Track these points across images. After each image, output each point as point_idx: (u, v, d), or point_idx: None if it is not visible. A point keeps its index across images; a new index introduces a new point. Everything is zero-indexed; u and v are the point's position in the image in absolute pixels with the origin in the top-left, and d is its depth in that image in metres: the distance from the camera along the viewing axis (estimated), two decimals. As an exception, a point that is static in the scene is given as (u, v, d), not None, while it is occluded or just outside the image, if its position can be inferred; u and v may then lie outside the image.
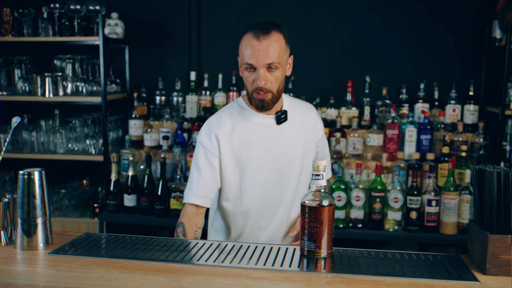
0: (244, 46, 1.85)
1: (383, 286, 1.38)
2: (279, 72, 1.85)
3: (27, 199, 1.62)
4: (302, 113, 2.04)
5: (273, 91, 1.87)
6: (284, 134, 1.99)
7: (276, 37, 1.83)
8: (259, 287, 1.36)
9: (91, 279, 1.39)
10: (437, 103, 3.41)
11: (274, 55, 1.81)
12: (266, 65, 1.81)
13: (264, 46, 1.80)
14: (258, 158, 1.96)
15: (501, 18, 3.21)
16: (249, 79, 1.87)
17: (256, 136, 1.96)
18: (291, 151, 1.99)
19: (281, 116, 1.97)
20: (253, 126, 1.97)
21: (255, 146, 1.95)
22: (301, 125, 2.02)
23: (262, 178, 1.97)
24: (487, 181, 1.51)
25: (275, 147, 1.97)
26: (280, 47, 1.84)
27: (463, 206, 3.01)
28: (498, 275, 1.47)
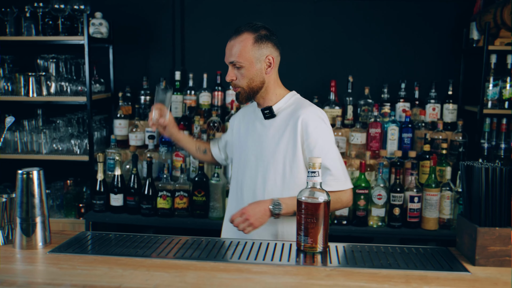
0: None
1: (380, 278, 1.43)
2: (244, 70, 2.00)
3: (26, 199, 1.63)
4: (291, 113, 2.04)
5: (243, 87, 2.03)
6: (267, 129, 2.09)
7: (243, 37, 1.99)
8: (261, 281, 1.40)
9: (95, 276, 1.41)
10: (417, 102, 3.51)
11: (235, 54, 1.99)
12: (228, 62, 2.03)
13: (230, 46, 2.02)
14: (247, 147, 2.14)
15: (478, 20, 3.32)
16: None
17: (248, 128, 2.17)
18: (268, 146, 2.07)
19: (265, 112, 2.09)
20: (251, 119, 2.18)
21: (249, 135, 2.16)
22: (284, 124, 2.04)
23: (245, 165, 2.13)
24: (475, 176, 1.58)
25: (259, 139, 2.10)
26: (243, 47, 1.98)
27: (444, 202, 3.10)
28: (487, 265, 1.54)
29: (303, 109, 2.03)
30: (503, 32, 3.15)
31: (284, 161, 2.02)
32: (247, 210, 1.91)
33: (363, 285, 1.38)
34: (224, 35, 3.72)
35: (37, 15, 3.38)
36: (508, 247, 1.53)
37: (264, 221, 1.92)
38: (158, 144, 3.46)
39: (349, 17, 3.70)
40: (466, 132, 3.31)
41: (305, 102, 2.09)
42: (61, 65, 3.49)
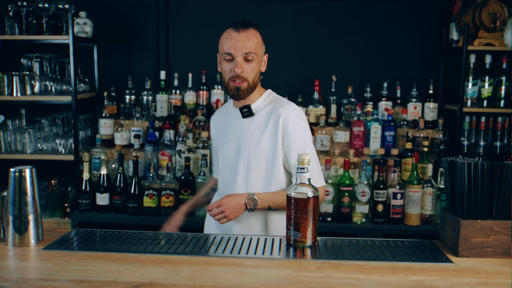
0: (224, 39, 2.02)
1: (368, 270, 1.48)
2: (254, 64, 2.01)
3: (18, 196, 1.64)
4: (271, 111, 2.08)
5: (249, 81, 2.02)
6: (247, 128, 2.11)
7: (253, 31, 2.03)
8: (254, 273, 1.44)
9: (91, 271, 1.44)
10: (399, 101, 3.59)
11: (251, 46, 1.98)
12: (243, 54, 1.97)
13: (243, 37, 1.98)
14: (228, 148, 2.16)
15: (457, 21, 3.41)
16: (227, 69, 2.02)
17: (227, 128, 2.19)
18: (249, 145, 2.09)
19: (243, 110, 2.10)
20: (228, 119, 2.21)
21: (227, 137, 2.17)
22: (264, 122, 2.07)
23: (229, 168, 2.16)
24: (458, 171, 1.65)
25: (238, 139, 2.13)
26: (257, 41, 2.03)
27: (425, 199, 3.18)
28: (470, 256, 1.61)
29: (283, 107, 2.06)
30: (482, 32, 3.24)
31: (266, 159, 2.06)
32: (223, 203, 1.99)
33: (352, 277, 1.43)
34: (208, 35, 3.81)
35: (21, 14, 3.36)
36: (489, 238, 1.60)
37: (238, 214, 2.02)
38: (144, 143, 3.47)
39: (332, 17, 3.76)
40: (446, 130, 3.40)
41: (283, 100, 2.14)
42: (45, 65, 3.47)
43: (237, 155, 2.12)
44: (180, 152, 3.36)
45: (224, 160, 2.18)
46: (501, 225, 1.60)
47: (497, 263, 1.56)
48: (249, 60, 1.99)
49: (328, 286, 1.36)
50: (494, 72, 3.32)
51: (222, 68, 2.06)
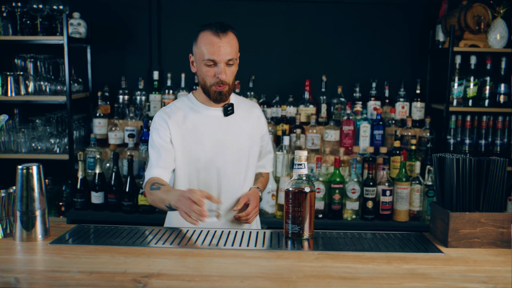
0: (205, 43, 2.00)
1: (364, 259, 1.57)
2: (234, 67, 2.07)
3: (26, 193, 1.70)
4: (247, 109, 2.24)
5: (230, 84, 2.06)
6: (231, 125, 2.17)
7: (232, 35, 2.05)
8: (257, 264, 1.51)
9: (100, 263, 1.50)
10: (387, 100, 3.68)
11: (232, 52, 2.02)
12: (226, 60, 2.00)
13: (224, 43, 1.99)
14: (209, 148, 2.11)
15: (443, 23, 3.52)
16: (209, 74, 2.02)
17: (205, 127, 2.12)
18: (238, 142, 2.16)
19: (228, 108, 2.14)
20: (202, 118, 2.13)
21: (205, 137, 2.11)
22: (246, 119, 2.21)
23: (214, 167, 2.12)
24: (447, 167, 1.74)
25: (223, 137, 2.14)
26: (236, 45, 2.07)
27: (413, 195, 3.28)
28: (458, 247, 1.70)
29: (255, 105, 2.30)
30: (467, 34, 3.35)
31: (247, 153, 2.19)
32: (256, 203, 2.13)
33: (349, 266, 1.51)
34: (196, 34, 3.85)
35: (15, 14, 3.39)
36: (476, 229, 1.69)
37: None
38: (138, 142, 3.52)
39: (322, 18, 3.85)
40: (433, 128, 3.50)
41: (245, 99, 2.31)
42: (39, 65, 3.51)
43: (220, 152, 2.12)
44: (174, 151, 3.41)
45: (206, 160, 2.10)
46: (488, 217, 1.69)
47: (484, 253, 1.66)
48: (230, 65, 2.03)
49: (327, 274, 1.44)
50: (478, 72, 3.44)
51: (201, 72, 2.04)
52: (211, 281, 1.37)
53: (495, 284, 1.39)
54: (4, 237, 1.75)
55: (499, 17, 3.39)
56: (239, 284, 1.35)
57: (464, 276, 1.44)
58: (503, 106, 3.42)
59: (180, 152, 2.11)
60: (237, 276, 1.41)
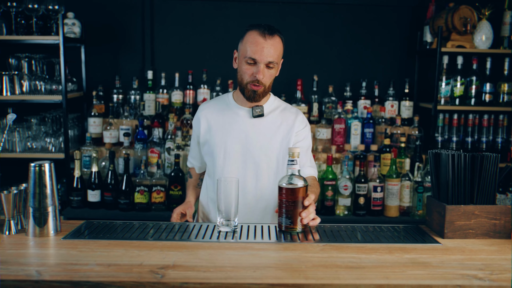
0: (250, 42, 2.05)
1: (367, 250, 1.65)
2: (274, 71, 2.11)
3: (38, 189, 1.74)
4: (284, 114, 2.25)
5: (266, 86, 2.11)
6: (258, 127, 2.20)
7: (278, 39, 2.10)
8: (266, 255, 1.59)
9: (115, 256, 1.55)
10: (377, 99, 3.79)
11: (275, 55, 2.06)
12: (267, 62, 2.05)
13: (269, 45, 2.04)
14: (229, 144, 2.18)
15: (431, 24, 3.63)
16: (247, 72, 2.08)
17: (232, 125, 2.19)
18: (261, 145, 2.19)
19: (256, 110, 2.18)
20: (230, 115, 2.21)
21: (231, 134, 2.18)
22: (278, 124, 2.22)
23: (231, 163, 2.19)
24: (443, 162, 1.83)
25: (246, 137, 2.18)
26: (280, 50, 2.11)
27: (404, 191, 3.39)
28: (454, 238, 1.79)
29: (294, 112, 2.27)
30: (454, 35, 3.47)
31: (277, 159, 2.19)
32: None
33: (354, 256, 1.59)
34: (193, 36, 3.94)
35: (10, 14, 3.41)
36: (471, 221, 1.79)
37: None
38: (134, 141, 3.56)
39: (313, 19, 3.93)
40: (421, 126, 3.61)
41: (290, 106, 2.31)
42: (34, 64, 3.53)
43: (244, 153, 2.17)
44: (169, 150, 3.47)
45: (226, 157, 2.18)
46: (481, 209, 1.79)
47: (478, 243, 1.75)
48: (270, 67, 2.07)
49: (334, 264, 1.51)
50: (465, 72, 3.55)
51: (241, 69, 2.11)
52: (225, 271, 1.44)
53: (491, 271, 1.48)
54: (16, 233, 1.80)
55: (484, 19, 3.51)
56: (252, 274, 1.42)
57: (462, 264, 1.53)
58: (488, 104, 3.55)
59: (206, 145, 2.25)
60: (249, 266, 1.48)
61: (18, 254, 1.57)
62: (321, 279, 1.40)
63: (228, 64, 4.02)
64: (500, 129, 3.56)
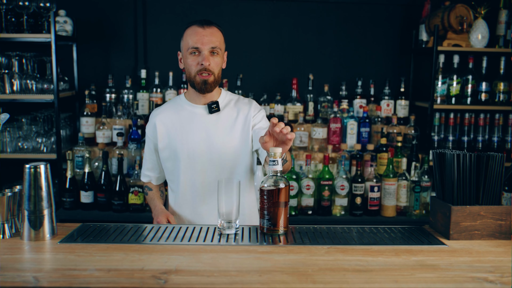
0: (189, 35, 2.10)
1: (373, 253, 1.62)
2: (219, 59, 2.12)
3: (34, 192, 1.69)
4: (238, 106, 2.23)
5: (215, 74, 2.11)
6: (216, 123, 2.18)
7: (216, 29, 2.15)
8: (270, 258, 1.54)
9: (115, 261, 1.50)
10: (373, 98, 3.76)
11: (216, 40, 2.10)
12: (210, 48, 2.08)
13: (208, 33, 2.10)
14: (191, 144, 2.16)
15: (427, 23, 3.61)
16: (193, 63, 2.09)
17: (190, 125, 2.17)
18: (223, 140, 2.17)
19: (212, 106, 2.17)
20: (187, 115, 2.19)
21: (190, 134, 2.16)
22: (234, 117, 2.20)
23: (196, 163, 2.16)
24: (448, 162, 1.80)
25: (207, 134, 2.16)
26: (220, 38, 2.15)
27: (400, 191, 3.36)
28: (459, 239, 1.76)
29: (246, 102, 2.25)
30: (450, 34, 3.45)
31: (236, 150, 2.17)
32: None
33: (360, 259, 1.55)
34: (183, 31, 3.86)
35: (0, 12, 3.33)
36: (476, 222, 1.76)
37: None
38: (127, 141, 3.51)
39: (307, 17, 3.90)
40: (417, 126, 3.59)
41: (240, 97, 2.30)
42: (25, 63, 3.45)
43: (208, 151, 2.15)
44: (164, 150, 3.41)
45: (190, 157, 2.16)
46: (487, 210, 1.76)
47: (485, 244, 1.73)
48: (214, 54, 2.09)
49: (341, 267, 1.48)
50: (461, 71, 3.54)
51: (187, 64, 2.11)
52: (230, 276, 1.40)
53: (501, 273, 1.45)
54: (10, 237, 1.74)
55: (480, 18, 3.50)
56: (258, 278, 1.38)
57: (470, 267, 1.50)
58: (484, 103, 3.54)
59: (167, 150, 2.19)
60: (254, 270, 1.44)
61: (14, 259, 1.52)
62: (329, 283, 1.36)
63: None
64: (496, 128, 3.56)
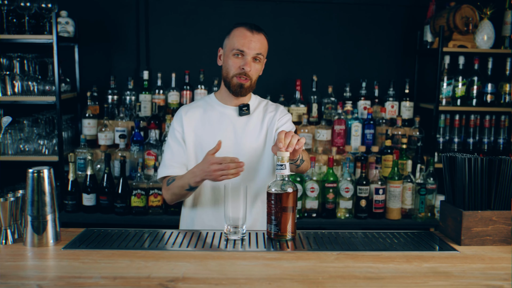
0: (237, 36, 2.09)
1: (383, 259, 1.58)
2: (259, 66, 2.14)
3: (37, 197, 1.65)
4: (265, 110, 2.24)
5: (252, 80, 2.12)
6: (244, 125, 2.18)
7: (264, 37, 2.15)
8: (279, 265, 1.51)
9: (120, 268, 1.47)
10: (377, 100, 3.73)
11: (261, 47, 2.11)
12: (254, 54, 2.08)
13: (256, 39, 2.09)
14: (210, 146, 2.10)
15: (432, 23, 3.58)
16: (235, 64, 2.08)
17: (218, 125, 2.17)
18: (250, 142, 2.16)
19: (243, 108, 2.17)
20: (217, 115, 2.19)
21: (218, 134, 2.14)
22: (261, 121, 2.20)
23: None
24: (458, 166, 1.77)
25: (235, 136, 2.16)
26: (265, 46, 2.16)
27: (406, 193, 3.33)
28: (471, 245, 1.73)
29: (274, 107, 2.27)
30: (455, 35, 3.42)
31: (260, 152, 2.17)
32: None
33: (371, 265, 1.52)
34: (187, 35, 3.85)
35: (1, 12, 3.30)
36: (488, 227, 1.73)
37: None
38: (129, 143, 3.47)
39: (309, 19, 3.86)
40: (422, 127, 3.56)
41: (270, 102, 2.31)
42: (26, 64, 3.42)
43: (234, 152, 2.12)
44: (167, 152, 3.37)
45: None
46: (499, 215, 1.73)
47: (497, 250, 1.69)
48: (256, 60, 2.10)
49: (352, 275, 1.44)
50: (466, 72, 3.51)
51: (227, 63, 2.10)
52: (239, 284, 1.36)
53: (516, 281, 1.42)
54: (13, 243, 1.71)
55: (486, 19, 3.47)
56: (267, 286, 1.35)
57: (484, 274, 1.47)
58: (490, 105, 3.51)
59: (193, 148, 2.17)
60: (264, 278, 1.41)
61: (17, 266, 1.48)
62: (340, 291, 1.33)
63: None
64: (502, 130, 3.52)
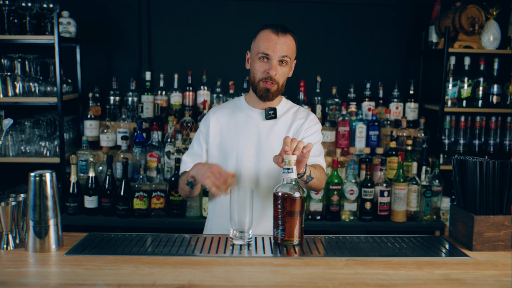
0: (262, 39, 2.04)
1: (394, 265, 1.55)
2: (286, 69, 2.08)
3: (39, 201, 1.62)
4: (294, 116, 2.18)
5: (279, 84, 2.06)
6: (270, 129, 2.14)
7: (291, 37, 2.09)
8: (288, 272, 1.47)
9: (125, 275, 1.43)
10: (381, 101, 3.69)
11: (288, 50, 2.04)
12: (280, 57, 2.02)
13: (282, 41, 2.03)
14: (241, 147, 2.12)
15: (437, 24, 3.54)
16: (260, 69, 2.05)
17: (244, 127, 2.15)
18: (272, 147, 2.12)
19: (270, 112, 2.13)
20: (243, 118, 2.17)
21: (243, 136, 2.13)
22: (288, 126, 2.16)
23: (243, 167, 2.12)
24: (469, 170, 1.73)
25: (258, 139, 2.13)
26: (293, 48, 2.09)
27: (411, 196, 3.29)
28: (483, 250, 1.69)
29: (304, 114, 2.20)
30: (461, 35, 3.38)
31: None
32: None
33: (382, 272, 1.48)
34: (190, 36, 3.81)
35: (3, 13, 3.26)
36: (500, 232, 1.69)
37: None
38: (132, 144, 3.44)
39: (313, 19, 3.83)
40: (427, 129, 3.52)
41: (300, 108, 2.25)
42: (27, 65, 3.39)
43: (257, 155, 2.11)
44: (169, 153, 3.35)
45: (238, 159, 2.12)
46: (511, 219, 1.70)
47: (510, 256, 1.66)
48: (283, 63, 2.05)
49: (362, 282, 1.41)
50: (472, 73, 3.47)
51: (254, 67, 2.07)
52: (247, 292, 1.33)
53: (531, 288, 1.39)
54: (14, 248, 1.67)
55: (492, 19, 3.43)
56: (276, 294, 1.31)
57: (498, 281, 1.43)
58: (496, 106, 3.47)
59: (216, 148, 2.17)
60: (272, 285, 1.37)
61: (18, 273, 1.45)
62: (351, 300, 1.29)
63: (228, 65, 3.92)
64: (508, 131, 3.49)
